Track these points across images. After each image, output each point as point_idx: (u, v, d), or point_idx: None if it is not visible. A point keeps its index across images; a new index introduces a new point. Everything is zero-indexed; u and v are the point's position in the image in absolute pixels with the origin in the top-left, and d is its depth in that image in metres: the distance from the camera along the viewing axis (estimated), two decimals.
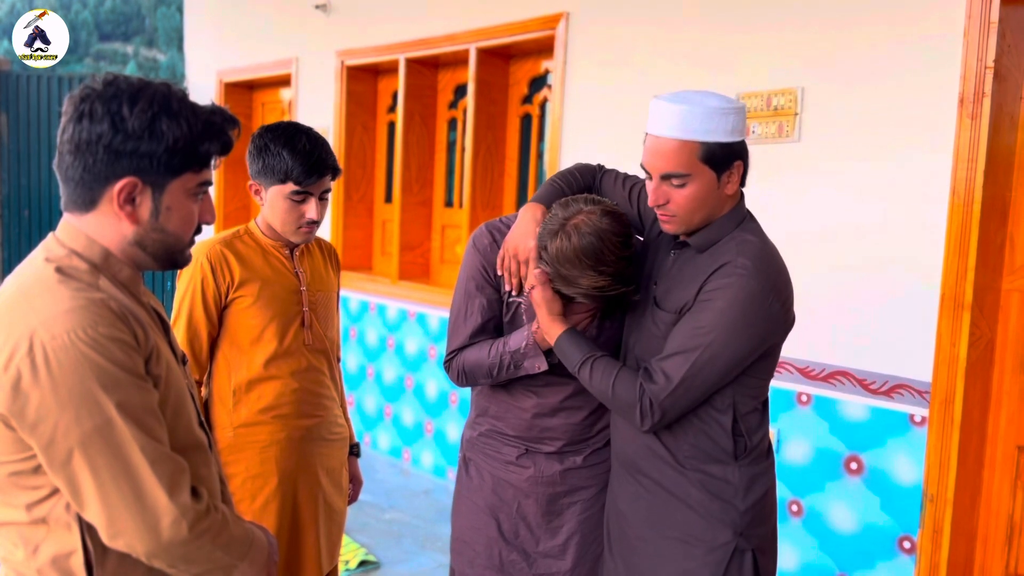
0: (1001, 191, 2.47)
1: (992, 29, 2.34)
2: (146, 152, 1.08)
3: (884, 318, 2.61)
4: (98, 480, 1.03)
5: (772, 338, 1.52)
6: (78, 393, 1.01)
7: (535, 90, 4.13)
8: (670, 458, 1.57)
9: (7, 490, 1.08)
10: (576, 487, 1.79)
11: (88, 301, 1.04)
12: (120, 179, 1.09)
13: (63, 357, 1.00)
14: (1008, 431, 2.54)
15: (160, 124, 1.08)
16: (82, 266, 1.11)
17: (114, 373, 1.03)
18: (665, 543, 1.58)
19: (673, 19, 3.17)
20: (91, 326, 1.02)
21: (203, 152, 1.13)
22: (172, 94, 1.11)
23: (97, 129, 1.07)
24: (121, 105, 1.07)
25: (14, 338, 1.02)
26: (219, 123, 1.14)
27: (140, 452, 1.04)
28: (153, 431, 1.07)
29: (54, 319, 1.02)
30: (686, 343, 1.47)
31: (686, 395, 1.48)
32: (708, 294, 1.47)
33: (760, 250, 1.50)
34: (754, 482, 1.57)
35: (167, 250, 1.17)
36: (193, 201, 1.17)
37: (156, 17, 30.85)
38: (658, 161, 1.47)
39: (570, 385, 1.73)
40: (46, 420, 1.01)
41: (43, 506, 1.08)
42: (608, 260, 1.48)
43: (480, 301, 1.73)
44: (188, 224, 1.17)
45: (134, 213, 1.12)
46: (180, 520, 1.06)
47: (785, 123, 2.82)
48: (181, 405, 1.18)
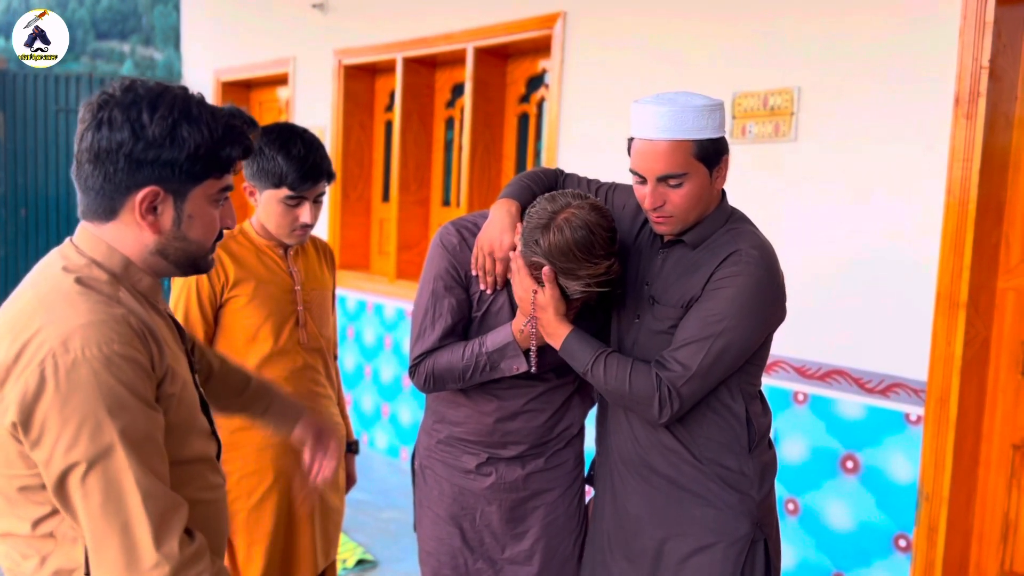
0: (996, 190, 2.47)
1: (987, 29, 2.35)
2: (168, 160, 1.06)
3: (880, 317, 2.62)
4: (89, 507, 0.99)
5: (775, 324, 1.56)
6: (83, 413, 0.97)
7: (532, 89, 4.13)
8: (686, 453, 1.57)
9: (16, 503, 1.05)
10: (539, 490, 1.76)
11: (108, 316, 1.02)
12: (142, 188, 1.07)
13: (73, 374, 0.97)
14: (1003, 429, 2.55)
15: (181, 131, 1.05)
16: (102, 276, 1.08)
17: (123, 396, 0.99)
18: (684, 540, 1.58)
19: (670, 19, 3.18)
20: (107, 343, 0.99)
21: (224, 157, 1.10)
22: (191, 99, 1.09)
23: (117, 137, 1.04)
24: (141, 112, 1.05)
25: (30, 348, 0.99)
26: (239, 127, 1.12)
27: (135, 485, 1.00)
28: (152, 463, 1.03)
29: (71, 333, 0.99)
30: (699, 331, 1.47)
31: (703, 382, 1.48)
32: (718, 282, 1.48)
33: (762, 240, 1.54)
34: (766, 471, 1.60)
35: (189, 257, 1.15)
36: (215, 207, 1.14)
37: (153, 15, 30.83)
38: (653, 163, 1.47)
39: (534, 388, 1.71)
40: (48, 436, 0.98)
41: (50, 522, 1.05)
42: (599, 254, 1.47)
43: (449, 301, 1.66)
44: (210, 231, 1.15)
45: (156, 223, 1.09)
46: (162, 565, 1.00)
47: (781, 123, 2.83)
48: (192, 419, 1.15)
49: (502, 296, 1.68)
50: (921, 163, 2.52)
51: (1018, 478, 2.54)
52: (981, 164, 2.38)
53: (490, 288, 1.65)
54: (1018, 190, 2.49)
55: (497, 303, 1.68)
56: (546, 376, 1.71)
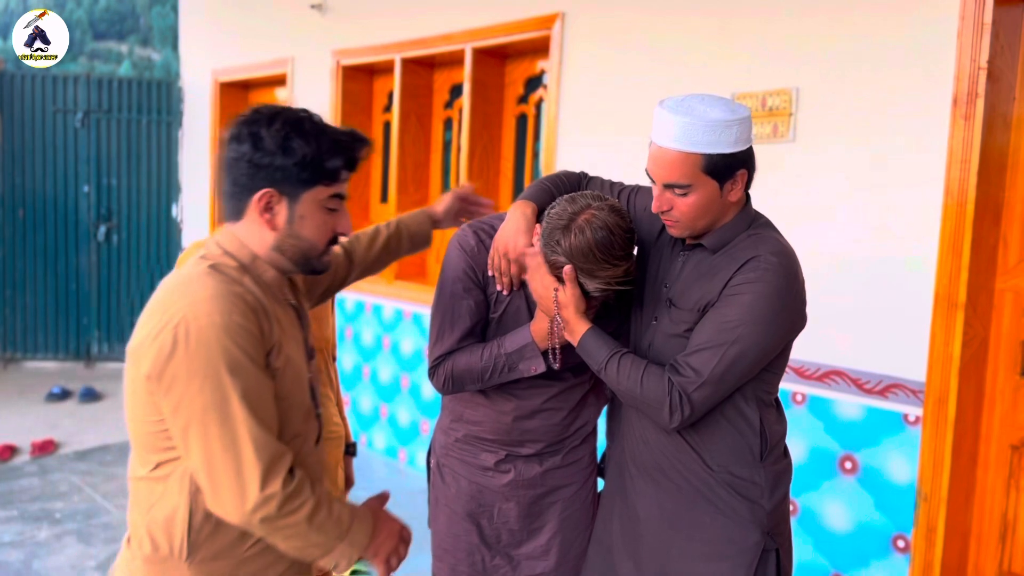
0: (994, 191, 2.48)
1: (985, 30, 2.35)
2: (280, 166, 1.26)
3: (878, 318, 2.62)
4: (208, 450, 1.17)
5: (794, 332, 1.54)
6: (205, 368, 1.16)
7: (531, 90, 4.13)
8: (697, 458, 1.55)
9: (145, 446, 1.26)
10: (557, 486, 1.78)
11: (229, 292, 1.22)
12: (260, 190, 1.28)
13: (200, 336, 1.17)
14: (1001, 430, 2.55)
15: (292, 142, 1.26)
16: (232, 264, 1.30)
17: (238, 357, 1.18)
18: (692, 545, 1.57)
19: (668, 20, 3.18)
20: (227, 313, 1.19)
21: (330, 168, 1.29)
22: (304, 117, 1.29)
23: (241, 148, 1.27)
24: (260, 127, 1.26)
25: (168, 314, 1.19)
26: (346, 142, 1.30)
27: (247, 433, 1.17)
28: (263, 416, 1.21)
29: (199, 303, 1.19)
30: (714, 338, 1.46)
31: (715, 389, 1.47)
32: (735, 288, 1.47)
33: (784, 246, 1.52)
34: (779, 481, 1.58)
35: (303, 255, 1.33)
36: (325, 211, 1.32)
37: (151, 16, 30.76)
38: (661, 170, 1.48)
39: (551, 387, 1.72)
40: (176, 387, 1.17)
41: (168, 467, 1.25)
42: (618, 255, 1.48)
43: (468, 303, 1.68)
44: (320, 232, 1.33)
45: (272, 220, 1.30)
46: (269, 500, 1.18)
47: (780, 123, 2.83)
48: (296, 398, 1.32)
49: (519, 297, 1.69)
50: (919, 164, 2.52)
51: (1016, 478, 2.54)
52: (979, 165, 2.38)
53: (506, 289, 1.67)
54: (1016, 191, 2.49)
55: (514, 304, 1.69)
56: (563, 375, 1.72)
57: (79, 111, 6.37)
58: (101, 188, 6.47)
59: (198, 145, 6.23)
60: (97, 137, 6.42)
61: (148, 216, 6.56)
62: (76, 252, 6.50)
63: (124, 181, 6.50)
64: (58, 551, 3.30)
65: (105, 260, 6.53)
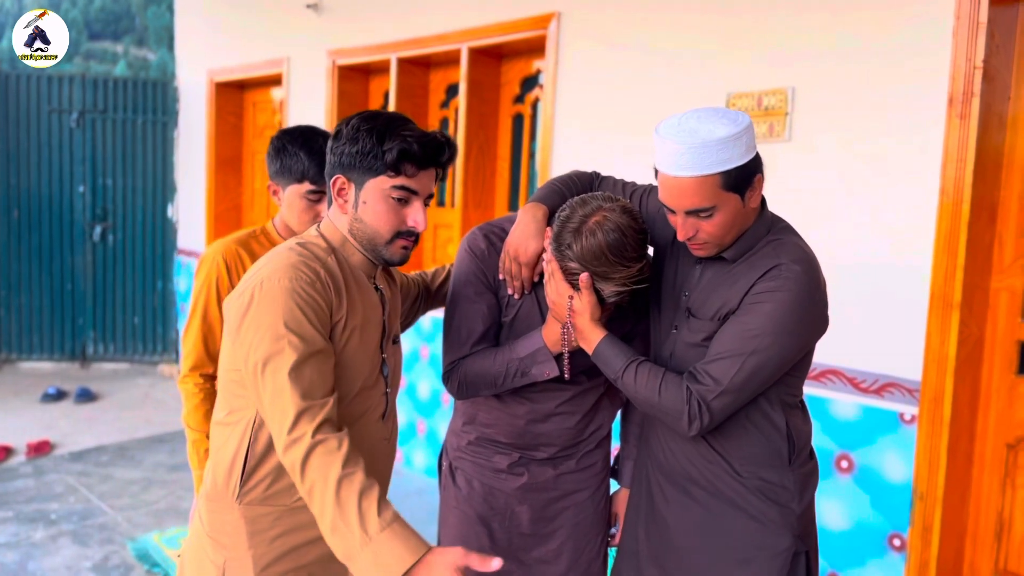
0: (990, 190, 2.48)
1: (981, 29, 2.36)
2: (348, 154, 1.42)
3: (874, 317, 2.62)
4: (265, 392, 1.30)
5: (816, 337, 1.52)
6: (269, 323, 1.30)
7: (527, 90, 4.13)
8: (726, 466, 1.54)
9: (224, 394, 1.43)
10: (570, 491, 1.77)
11: (303, 264, 1.37)
12: (335, 176, 1.45)
13: (270, 294, 1.32)
14: (997, 429, 2.56)
15: (360, 135, 1.41)
16: (321, 244, 1.45)
17: (299, 318, 1.31)
18: (722, 552, 1.55)
19: (664, 20, 3.18)
20: (297, 279, 1.34)
21: (388, 158, 1.39)
22: (381, 116, 1.43)
23: (330, 142, 1.46)
24: (344, 124, 1.44)
25: (255, 278, 1.36)
26: (408, 137, 1.40)
27: (295, 383, 1.28)
28: (310, 370, 1.31)
29: (278, 270, 1.35)
30: (734, 346, 1.44)
31: (735, 398, 1.45)
32: (756, 296, 1.45)
33: (806, 253, 1.50)
34: (807, 483, 1.57)
35: (370, 240, 1.45)
36: (387, 202, 1.42)
37: (146, 16, 30.71)
38: (681, 199, 1.43)
39: (565, 391, 1.71)
40: (245, 337, 1.32)
41: (237, 414, 1.41)
42: (631, 256, 1.46)
43: (480, 307, 1.67)
44: (383, 220, 1.43)
45: (344, 204, 1.45)
46: (298, 441, 1.25)
47: (775, 123, 2.83)
48: (358, 368, 1.44)
49: (530, 301, 1.67)
50: (915, 163, 2.53)
51: (1012, 477, 2.55)
52: (975, 164, 2.39)
53: (518, 293, 1.65)
54: (1012, 190, 2.49)
55: (525, 308, 1.67)
56: (577, 379, 1.70)
57: (74, 111, 6.35)
58: (96, 188, 6.45)
59: (194, 145, 6.21)
60: (92, 137, 6.40)
61: (144, 216, 6.54)
62: (71, 252, 6.48)
63: (120, 181, 6.48)
64: (53, 552, 3.30)
65: (101, 260, 6.51)
